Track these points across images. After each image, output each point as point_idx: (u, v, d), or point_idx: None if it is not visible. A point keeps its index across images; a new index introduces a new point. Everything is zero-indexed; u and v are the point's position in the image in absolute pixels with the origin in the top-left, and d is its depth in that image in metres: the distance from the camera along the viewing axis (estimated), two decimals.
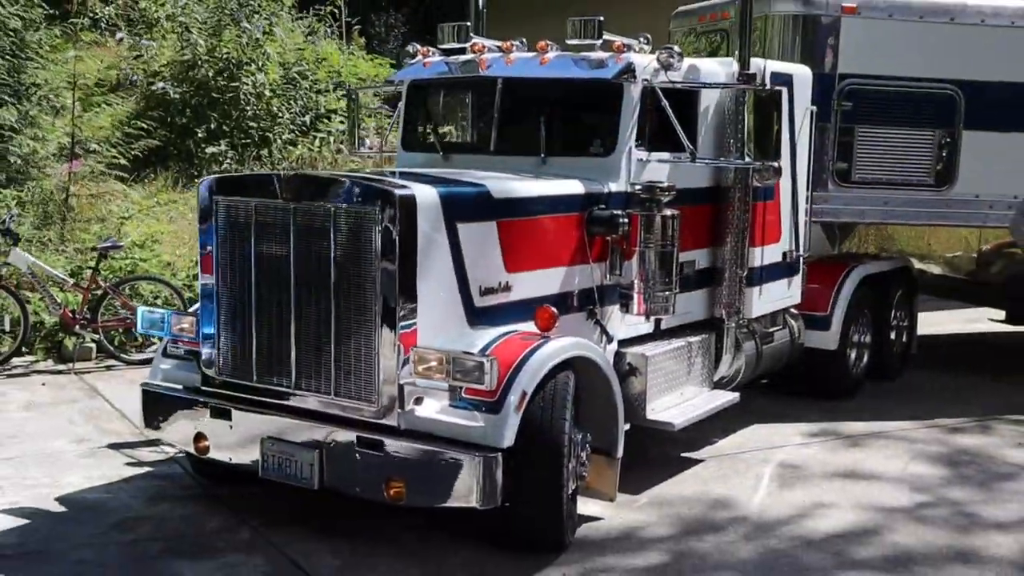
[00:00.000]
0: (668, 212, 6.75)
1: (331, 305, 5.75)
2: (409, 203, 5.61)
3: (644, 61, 7.15)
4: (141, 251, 11.39)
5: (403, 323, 5.59)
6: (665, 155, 7.26)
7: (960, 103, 9.67)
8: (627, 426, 6.46)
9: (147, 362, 9.99)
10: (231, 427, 6.07)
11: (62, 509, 6.58)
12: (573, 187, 6.84)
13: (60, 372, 9.99)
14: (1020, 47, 9.77)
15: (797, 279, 8.98)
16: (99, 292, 10.14)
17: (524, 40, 7.81)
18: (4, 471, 7.25)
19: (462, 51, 7.71)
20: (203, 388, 6.30)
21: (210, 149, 15.14)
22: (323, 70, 17.34)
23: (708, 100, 7.66)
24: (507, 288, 6.32)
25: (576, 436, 5.94)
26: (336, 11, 18.04)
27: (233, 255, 6.10)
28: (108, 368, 10.12)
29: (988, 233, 10.90)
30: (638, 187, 6.89)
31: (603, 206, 6.88)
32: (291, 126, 16.23)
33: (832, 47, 9.39)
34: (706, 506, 6.76)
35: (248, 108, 15.72)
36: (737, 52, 7.82)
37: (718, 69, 7.84)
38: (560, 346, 5.79)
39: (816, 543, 6.23)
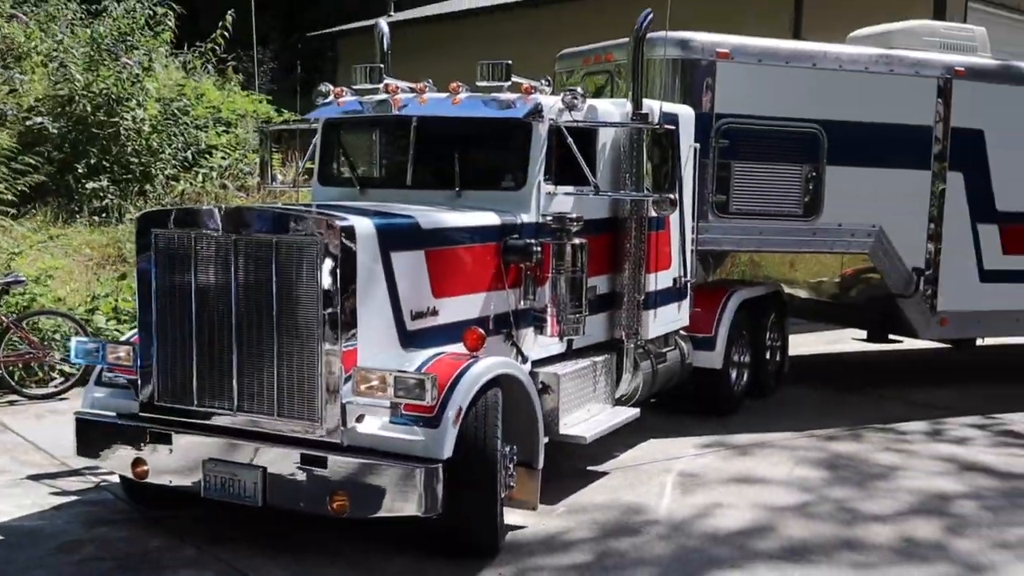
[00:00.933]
0: (577, 241, 7.26)
1: (273, 331, 6.07)
2: (350, 233, 5.99)
3: (550, 102, 7.68)
4: (36, 286, 11.40)
5: (345, 345, 5.97)
6: (570, 188, 7.77)
7: (823, 141, 10.52)
8: (546, 439, 6.97)
9: (49, 396, 10.32)
10: (171, 451, 6.30)
11: (1, 537, 6.72)
12: (491, 218, 7.29)
13: None
14: (873, 91, 10.73)
15: (685, 303, 9.60)
16: (1, 329, 10.23)
17: (431, 80, 8.22)
18: None
19: (375, 91, 8.12)
20: (141, 414, 6.50)
21: (90, 184, 15.19)
22: (201, 106, 17.51)
23: (605, 137, 8.21)
24: (434, 312, 6.79)
25: (504, 449, 6.38)
26: (216, 47, 18.27)
27: (172, 285, 6.35)
28: (11, 403, 10.17)
29: (848, 259, 11.80)
30: (549, 218, 7.37)
31: (517, 236, 7.36)
32: (173, 161, 16.35)
33: (709, 89, 10.08)
34: (619, 511, 7.37)
35: (128, 144, 15.80)
36: (629, 93, 8.34)
37: (613, 109, 8.39)
38: (489, 364, 6.28)
39: (721, 539, 6.93)
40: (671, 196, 7.99)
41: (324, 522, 6.46)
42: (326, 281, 5.97)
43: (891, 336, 13.41)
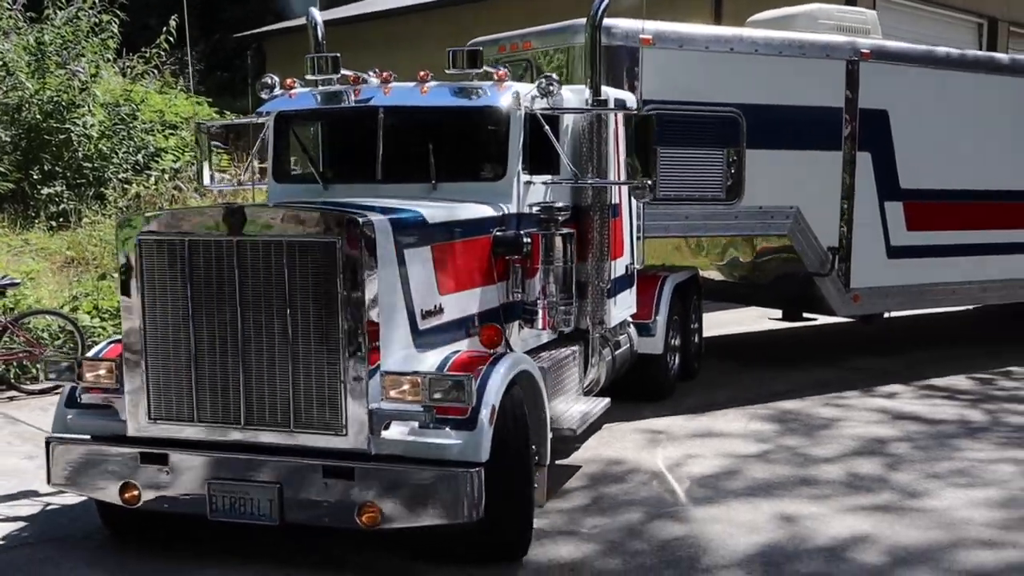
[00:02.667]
0: (564, 231, 7.25)
1: (287, 337, 5.61)
2: (369, 230, 5.59)
3: (525, 89, 7.49)
4: (23, 288, 11.84)
5: (370, 349, 5.57)
6: (546, 177, 7.66)
7: (743, 124, 10.68)
8: (551, 435, 6.79)
9: (46, 392, 10.78)
10: (167, 472, 5.79)
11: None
12: (485, 211, 7.07)
13: None
14: (787, 74, 11.11)
15: (634, 290, 9.72)
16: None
17: (377, 70, 7.84)
18: (12, 483, 7.86)
19: (329, 82, 7.71)
20: (130, 435, 5.96)
21: (46, 190, 15.76)
22: (147, 111, 18.01)
23: (566, 124, 7.98)
24: (440, 310, 6.45)
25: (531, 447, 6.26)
26: (161, 53, 18.85)
27: (165, 295, 5.79)
28: (11, 399, 10.71)
29: (765, 240, 11.93)
30: (536, 208, 7.34)
31: (503, 227, 7.17)
32: (125, 165, 16.88)
33: (634, 75, 10.13)
34: (602, 464, 8.39)
35: (79, 149, 16.33)
36: (588, 80, 8.09)
37: (572, 96, 8.09)
38: (512, 361, 6.01)
39: (696, 481, 8.00)
40: (649, 182, 7.76)
41: (334, 538, 6.33)
42: (346, 281, 5.55)
43: (805, 315, 13.92)
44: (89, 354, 6.31)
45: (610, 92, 8.61)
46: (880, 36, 12.63)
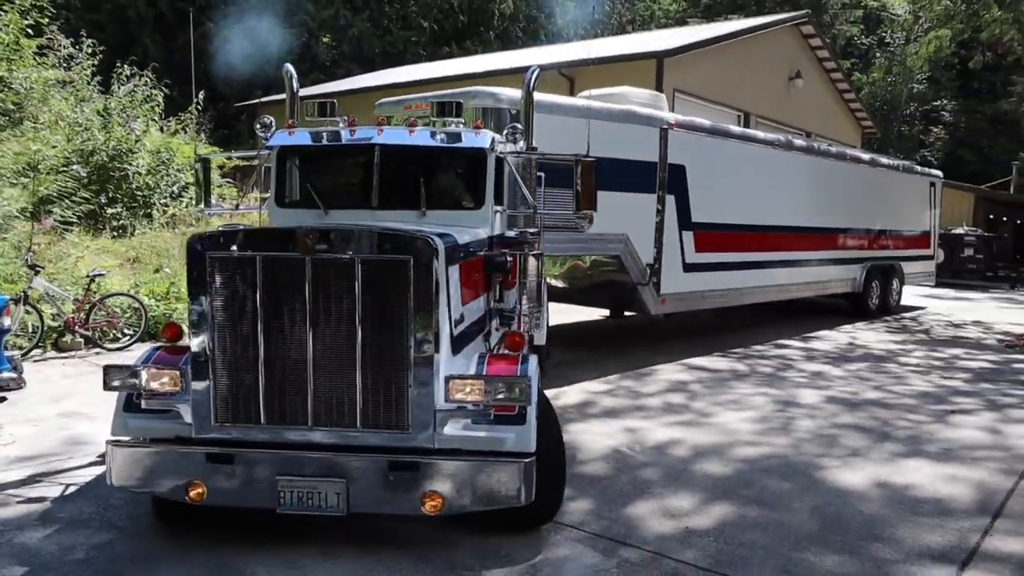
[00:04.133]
0: (536, 251, 6.57)
1: (357, 346, 4.64)
2: (437, 249, 4.73)
3: (498, 136, 6.69)
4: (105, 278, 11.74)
5: (434, 355, 4.69)
6: (509, 210, 6.90)
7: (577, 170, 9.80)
8: None
9: (121, 349, 10.82)
10: (235, 471, 4.69)
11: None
12: (482, 235, 6.20)
13: (68, 357, 10.45)
14: (623, 135, 10.55)
15: None
16: (90, 305, 10.82)
17: (347, 117, 6.63)
18: (109, 408, 7.84)
19: (324, 123, 6.53)
20: (197, 437, 4.76)
21: (109, 210, 15.50)
22: (179, 156, 17.68)
23: (508, 166, 6.85)
24: (462, 319, 5.48)
25: None
26: (191, 116, 18.65)
27: (236, 308, 4.70)
28: (97, 354, 10.67)
29: (601, 258, 11.04)
30: (513, 233, 6.63)
31: (488, 248, 6.33)
32: (165, 194, 16.69)
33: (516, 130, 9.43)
34: None
35: (133, 182, 16.07)
36: (524, 133, 6.92)
37: (511, 146, 6.95)
38: (536, 363, 5.13)
39: (567, 408, 8.40)
40: (591, 213, 6.78)
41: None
42: (417, 296, 4.66)
43: (626, 313, 13.72)
44: (142, 357, 5.00)
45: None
46: (666, 110, 12.20)
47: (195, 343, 4.73)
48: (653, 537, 5.27)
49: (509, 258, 6.36)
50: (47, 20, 17.55)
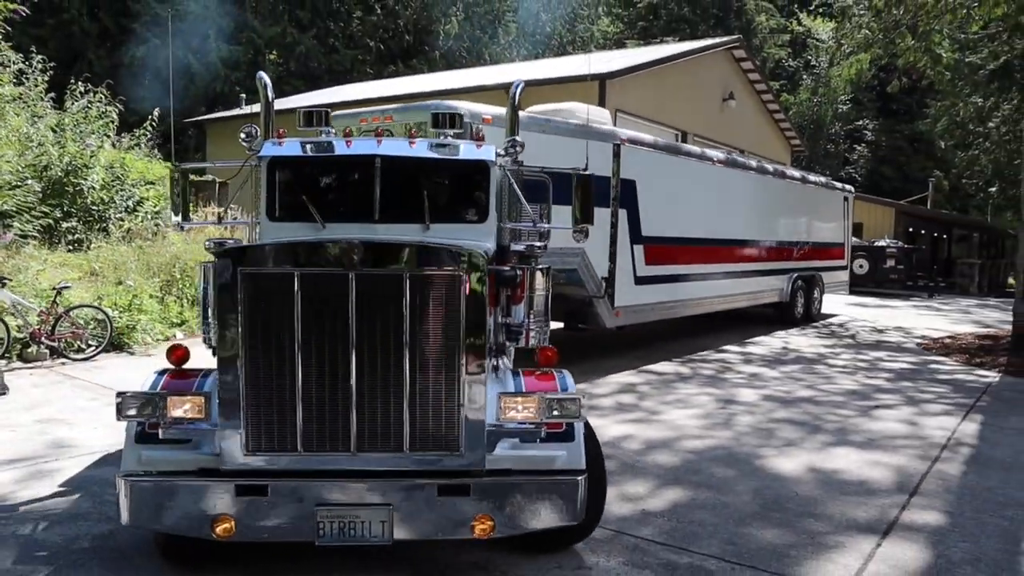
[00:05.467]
0: (543, 266, 5.91)
1: (404, 365, 4.25)
2: (486, 262, 4.42)
3: (499, 148, 6.30)
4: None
5: (485, 372, 4.37)
6: (510, 223, 6.53)
7: (549, 186, 9.45)
8: None
9: (87, 359, 10.95)
10: (267, 503, 4.23)
11: None
12: (489, 248, 5.56)
13: (34, 367, 10.48)
14: (578, 150, 9.86)
15: None
16: (56, 316, 10.87)
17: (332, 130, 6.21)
18: (85, 415, 8.05)
19: (316, 133, 6.02)
20: (225, 468, 4.28)
21: (65, 224, 15.49)
22: (133, 172, 17.81)
23: (509, 178, 6.49)
24: (491, 330, 4.86)
25: None
26: (146, 134, 18.66)
27: (271, 327, 4.24)
28: (63, 364, 10.76)
29: (559, 272, 10.87)
30: (522, 247, 6.32)
31: (496, 263, 5.65)
32: (120, 208, 16.70)
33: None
34: None
35: (88, 196, 16.07)
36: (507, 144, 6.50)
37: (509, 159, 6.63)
38: (571, 377, 4.85)
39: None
40: (588, 226, 6.66)
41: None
42: (469, 311, 4.32)
43: (580, 325, 13.02)
44: (150, 381, 4.51)
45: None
46: (610, 127, 12.05)
47: (223, 365, 4.28)
48: (614, 518, 5.73)
49: (518, 271, 5.71)
50: (1, 36, 17.39)
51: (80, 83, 17.56)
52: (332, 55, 37.55)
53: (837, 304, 22.81)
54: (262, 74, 6.79)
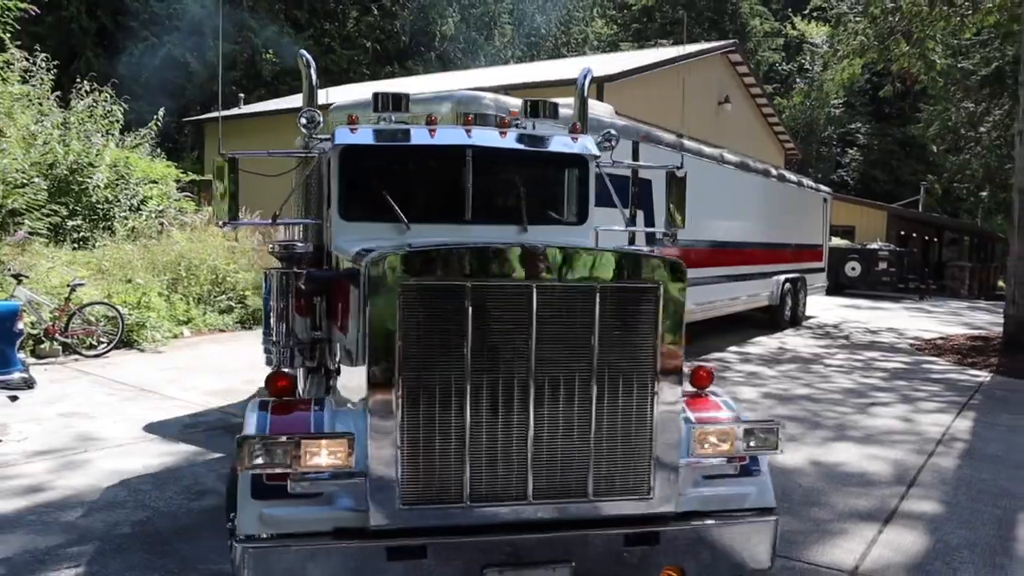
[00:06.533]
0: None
1: (592, 395, 3.58)
2: (683, 273, 3.76)
3: (595, 140, 5.64)
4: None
5: (680, 399, 3.78)
6: (606, 224, 5.95)
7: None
8: None
9: (100, 355, 11.21)
10: (425, 568, 3.49)
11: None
12: None
13: (48, 363, 10.70)
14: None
15: None
16: (70, 313, 11.12)
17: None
18: (106, 409, 8.30)
19: (390, 120, 5.20)
20: (374, 527, 3.47)
21: (71, 223, 15.64)
22: (137, 171, 17.90)
23: (604, 176, 5.83)
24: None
25: None
26: (151, 131, 18.87)
27: (432, 350, 3.49)
28: (76, 360, 10.99)
29: None
30: (653, 251, 5.42)
31: None
32: (124, 207, 16.86)
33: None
34: None
35: (93, 195, 16.26)
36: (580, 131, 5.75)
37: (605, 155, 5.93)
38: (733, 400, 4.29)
39: None
40: (676, 229, 6.17)
41: None
42: (666, 330, 3.68)
43: None
44: (255, 421, 3.68)
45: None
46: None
47: (374, 405, 3.45)
48: None
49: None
50: (9, 35, 17.57)
51: (85, 82, 17.74)
52: (328, 55, 37.76)
53: (829, 306, 23.22)
54: (304, 52, 5.74)
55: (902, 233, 35.32)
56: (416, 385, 3.47)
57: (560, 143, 5.37)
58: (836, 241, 28.05)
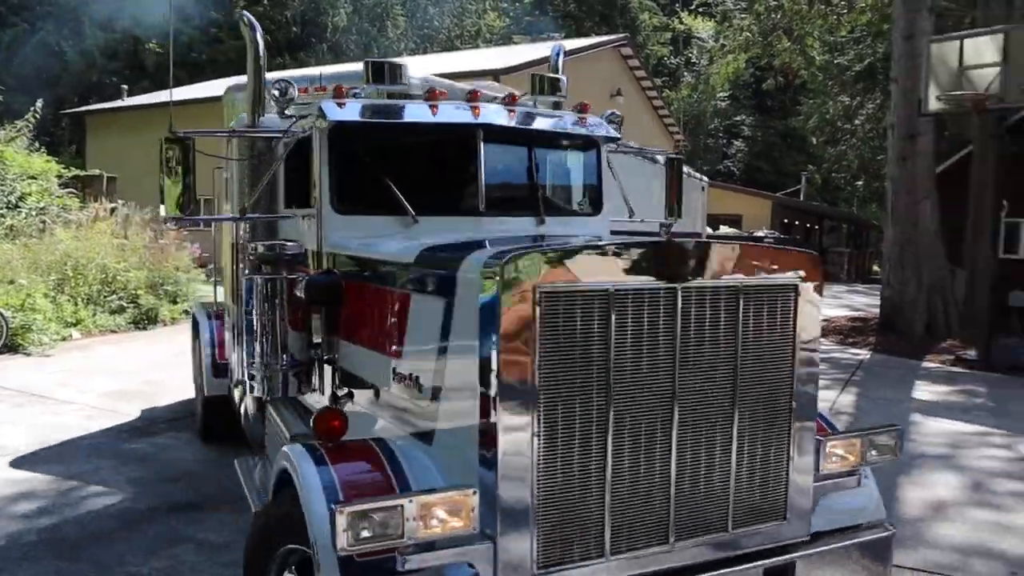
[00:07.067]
0: None
1: (734, 415, 3.10)
2: (822, 265, 3.37)
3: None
4: None
5: (815, 409, 3.37)
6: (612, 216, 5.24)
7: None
8: None
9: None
10: None
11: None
12: None
13: None
14: None
15: None
16: None
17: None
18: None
19: (382, 93, 4.45)
20: None
21: None
22: (15, 165, 17.01)
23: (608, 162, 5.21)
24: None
25: None
26: (28, 124, 17.93)
27: (574, 375, 2.78)
28: None
29: None
30: None
31: None
32: (1, 205, 16.02)
33: None
34: None
35: None
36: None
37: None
38: None
39: None
40: (674, 219, 5.46)
41: None
42: (805, 333, 3.25)
43: None
44: (310, 488, 2.95)
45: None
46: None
47: (507, 441, 2.69)
48: None
49: None
50: None
51: None
52: (215, 45, 36.66)
53: None
54: (247, 14, 4.81)
55: (786, 221, 37.08)
56: (555, 419, 2.76)
57: (577, 124, 4.77)
58: (724, 229, 29.17)
